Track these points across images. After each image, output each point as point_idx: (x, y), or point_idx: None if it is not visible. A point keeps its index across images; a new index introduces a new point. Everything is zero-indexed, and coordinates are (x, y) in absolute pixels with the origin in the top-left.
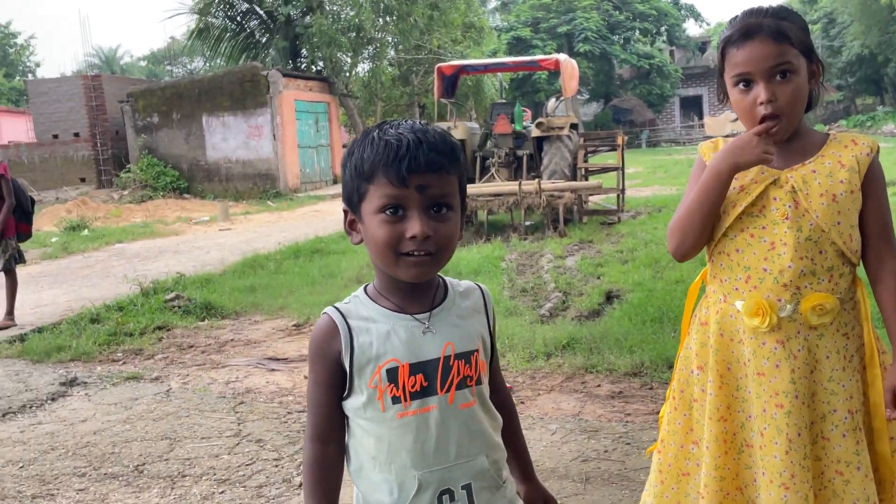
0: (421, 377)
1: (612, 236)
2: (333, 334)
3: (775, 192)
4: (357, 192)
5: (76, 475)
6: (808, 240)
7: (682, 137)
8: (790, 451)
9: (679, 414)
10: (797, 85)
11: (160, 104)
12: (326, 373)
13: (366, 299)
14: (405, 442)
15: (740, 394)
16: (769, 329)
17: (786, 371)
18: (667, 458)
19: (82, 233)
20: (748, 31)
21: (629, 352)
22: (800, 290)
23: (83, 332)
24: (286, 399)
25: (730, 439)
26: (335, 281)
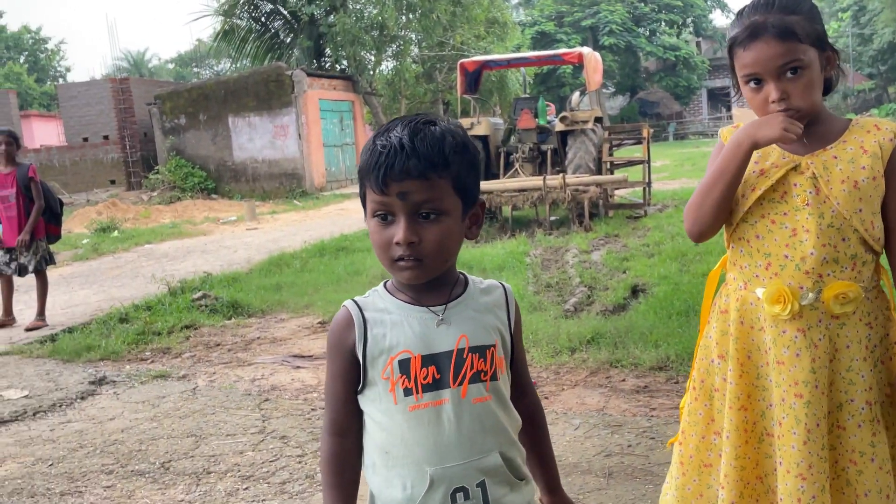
0: (433, 369)
1: (638, 230)
2: (349, 325)
3: (796, 177)
4: (361, 195)
5: (104, 472)
6: (830, 226)
7: (710, 129)
8: (808, 442)
9: (700, 404)
10: (809, 79)
11: (187, 106)
12: (343, 364)
13: (384, 292)
14: (417, 436)
15: (761, 382)
16: (790, 317)
17: (806, 360)
18: (688, 450)
19: (112, 234)
20: (753, 32)
21: (654, 346)
22: (822, 278)
23: (112, 331)
24: (311, 396)
25: (750, 428)
26: (360, 278)
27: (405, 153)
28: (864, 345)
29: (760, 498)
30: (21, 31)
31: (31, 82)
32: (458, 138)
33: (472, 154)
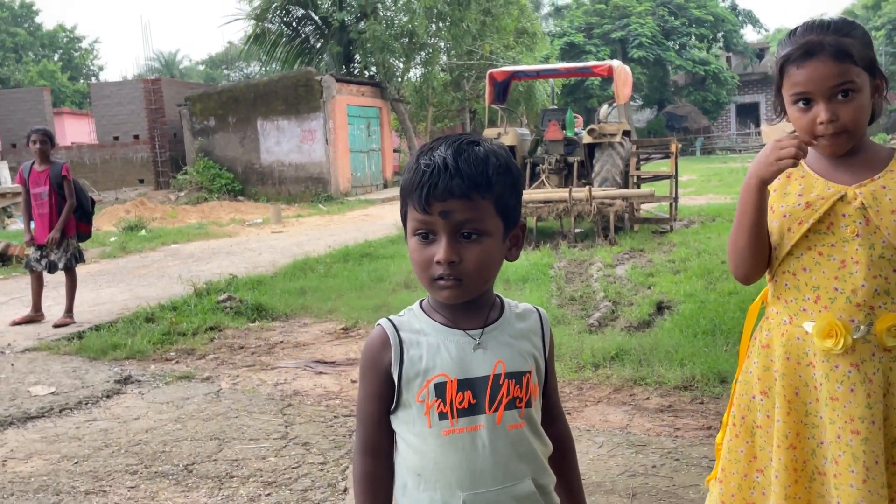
0: (469, 394)
1: (663, 245)
2: (385, 346)
3: (844, 208)
4: (403, 212)
5: (128, 472)
6: (881, 258)
7: (738, 145)
8: (868, 480)
9: (741, 441)
10: (859, 103)
11: (217, 108)
12: (377, 384)
13: (419, 312)
14: (451, 460)
15: (810, 419)
16: (843, 351)
17: (861, 396)
18: (729, 489)
19: (140, 233)
20: (809, 50)
21: (679, 364)
22: (873, 311)
23: (138, 330)
24: (333, 402)
25: (800, 467)
26: (383, 285)
27: (448, 173)
28: None
29: None
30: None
31: (65, 80)
32: (501, 159)
33: (514, 175)
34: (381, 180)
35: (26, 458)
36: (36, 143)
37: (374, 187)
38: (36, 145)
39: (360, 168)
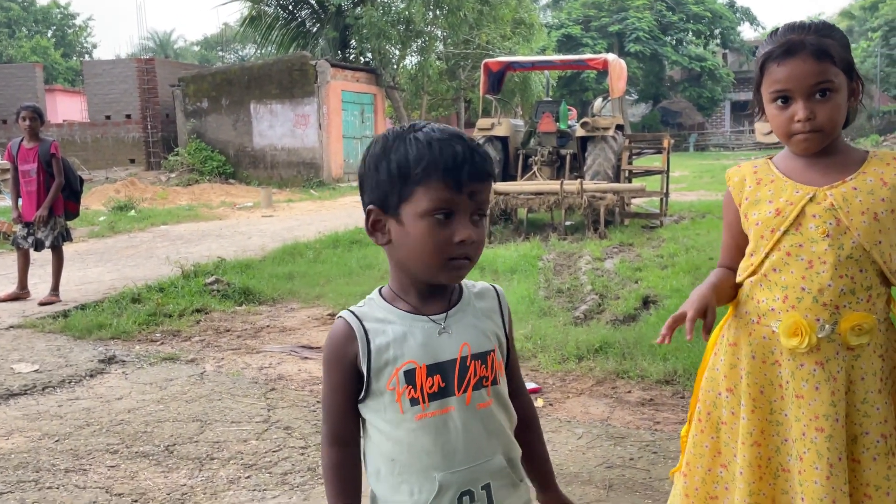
0: (438, 378)
1: (653, 240)
2: (350, 338)
3: (813, 209)
4: (398, 193)
5: (109, 452)
6: (849, 258)
7: (732, 142)
8: (831, 477)
9: (706, 437)
10: (836, 103)
11: (210, 90)
12: (343, 377)
13: (381, 301)
14: (424, 444)
15: (774, 417)
16: (808, 350)
17: (826, 393)
18: (693, 482)
19: (129, 213)
20: (790, 48)
21: (663, 359)
22: (839, 310)
23: (124, 311)
24: (317, 388)
25: (764, 464)
26: (372, 272)
27: (478, 154)
28: (879, 377)
29: None
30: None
31: (58, 57)
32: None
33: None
34: None
35: (7, 435)
36: (25, 120)
37: None
38: (25, 122)
39: (353, 154)
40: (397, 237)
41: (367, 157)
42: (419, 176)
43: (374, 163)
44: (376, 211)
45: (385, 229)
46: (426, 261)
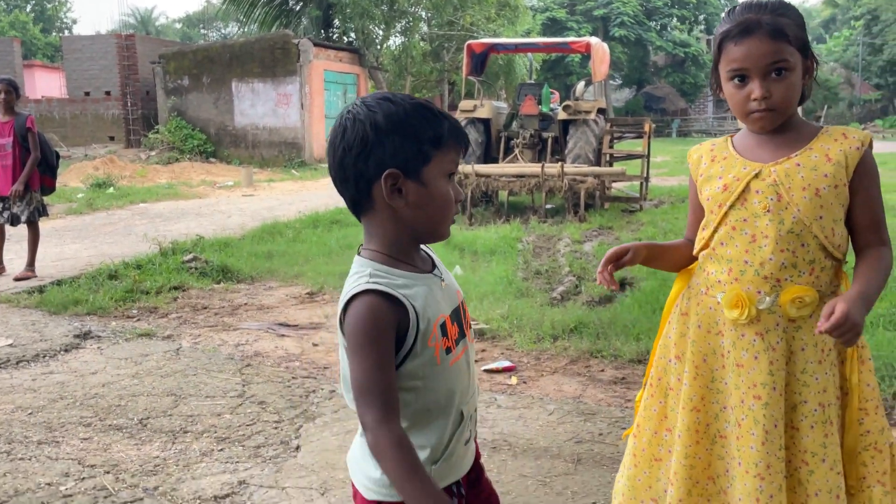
0: (456, 325)
1: (632, 224)
2: (394, 310)
3: (757, 184)
4: (422, 156)
5: (82, 424)
6: (790, 232)
7: (714, 128)
8: (766, 443)
9: (655, 401)
10: (791, 81)
11: (191, 67)
12: (391, 349)
13: (389, 269)
14: (455, 385)
15: (715, 385)
16: (748, 321)
17: (764, 363)
18: (641, 443)
19: (108, 190)
20: (746, 28)
21: (636, 339)
22: (780, 283)
23: (101, 287)
24: (293, 364)
25: (702, 429)
26: (351, 252)
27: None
28: (820, 348)
29: (712, 498)
30: None
31: (37, 32)
32: None
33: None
34: None
35: None
36: (0, 94)
37: None
38: (0, 95)
39: None
40: (417, 198)
41: (373, 125)
42: (444, 142)
43: (393, 128)
44: (395, 174)
45: (402, 193)
46: (445, 217)
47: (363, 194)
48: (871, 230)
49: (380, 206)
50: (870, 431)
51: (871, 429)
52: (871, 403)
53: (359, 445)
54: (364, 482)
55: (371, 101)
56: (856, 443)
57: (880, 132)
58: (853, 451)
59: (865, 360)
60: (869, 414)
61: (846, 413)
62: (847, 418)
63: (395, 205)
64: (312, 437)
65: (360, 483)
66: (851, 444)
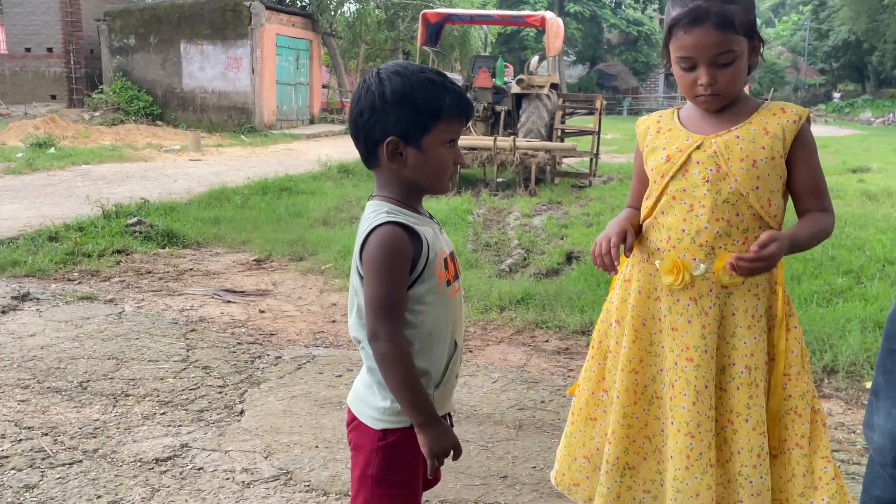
0: (452, 264)
1: (580, 199)
2: (411, 239)
3: (698, 156)
4: (421, 126)
5: (19, 386)
6: (725, 202)
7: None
8: (697, 402)
9: (594, 363)
10: (737, 68)
11: (138, 26)
12: (406, 272)
13: (403, 210)
14: (451, 315)
15: (653, 349)
16: (682, 287)
17: (697, 327)
18: (579, 402)
19: (48, 150)
20: (696, 17)
21: (580, 311)
22: (714, 251)
23: (40, 249)
24: (239, 331)
25: (640, 391)
26: (301, 220)
27: (467, 97)
28: (751, 314)
29: (648, 456)
30: None
31: None
32: None
33: None
34: (308, 115)
35: None
36: None
37: (300, 122)
38: None
39: (287, 101)
40: (415, 162)
41: (381, 96)
42: (445, 114)
43: (397, 101)
44: (395, 141)
45: (402, 157)
46: (441, 177)
47: (371, 153)
48: (812, 197)
49: (384, 164)
50: (791, 396)
51: (792, 393)
52: (794, 369)
53: (363, 382)
54: (371, 414)
55: (384, 74)
56: (779, 406)
57: (823, 116)
58: (776, 414)
59: (792, 328)
60: (791, 379)
61: (771, 377)
62: (772, 382)
63: (394, 166)
64: (257, 402)
65: (366, 416)
66: (775, 407)
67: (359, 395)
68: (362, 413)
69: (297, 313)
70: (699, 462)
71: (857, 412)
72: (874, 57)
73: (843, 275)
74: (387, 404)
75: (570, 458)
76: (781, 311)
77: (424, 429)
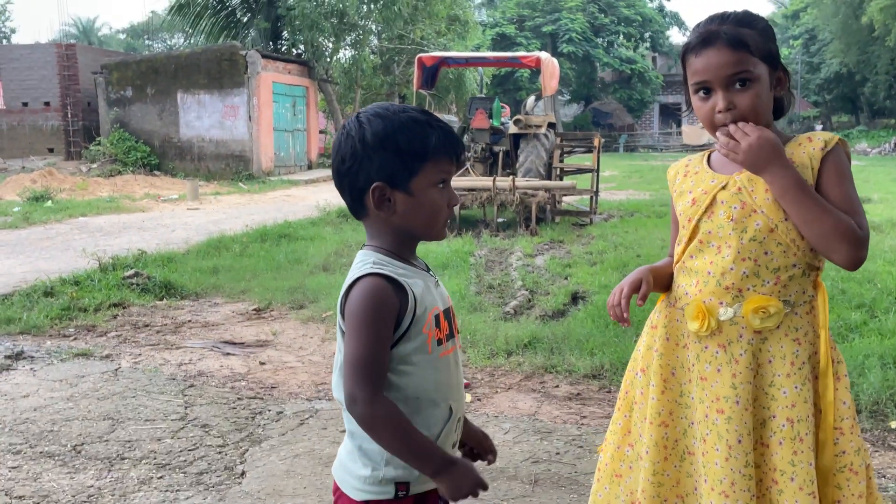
0: (447, 322)
1: (582, 238)
2: (396, 292)
3: (723, 195)
4: (408, 169)
5: (11, 452)
6: (752, 240)
7: (660, 144)
8: (730, 459)
9: (620, 415)
10: (756, 92)
11: (135, 78)
12: (390, 329)
13: (391, 260)
14: (443, 378)
15: (683, 400)
16: (708, 333)
17: (727, 376)
18: (605, 458)
19: (45, 204)
20: (706, 39)
21: (590, 354)
22: (742, 293)
23: (35, 304)
24: (238, 384)
25: (671, 445)
26: (300, 267)
27: (456, 135)
28: (790, 361)
29: None
30: None
31: None
32: None
33: None
34: (306, 161)
35: None
36: None
37: (298, 168)
38: None
39: (284, 148)
40: (405, 207)
41: (361, 140)
42: (430, 154)
43: (379, 144)
44: (382, 187)
45: (390, 202)
46: (434, 223)
47: (357, 202)
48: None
49: (372, 213)
50: (845, 452)
51: (846, 449)
52: (847, 422)
53: (345, 448)
54: (353, 483)
55: (364, 117)
56: (830, 463)
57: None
58: (828, 472)
59: (841, 376)
60: (844, 433)
61: (820, 432)
62: (821, 437)
63: (382, 214)
64: (258, 462)
65: (348, 486)
66: (826, 464)
67: (342, 463)
68: (344, 482)
69: (298, 364)
70: None
71: (885, 454)
72: (867, 88)
73: (856, 308)
74: (367, 472)
75: None
76: (826, 358)
77: (439, 478)
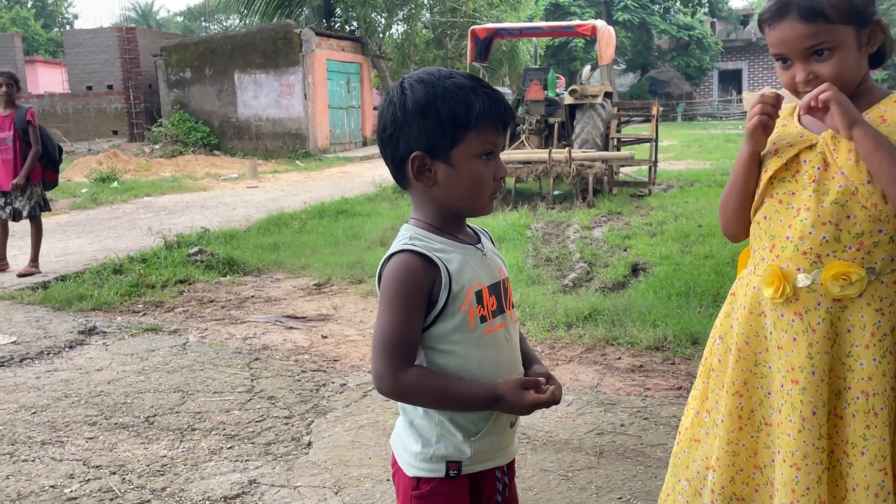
0: (494, 298)
1: (641, 209)
2: (429, 268)
3: (807, 154)
4: (448, 138)
5: (87, 423)
6: (833, 203)
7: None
8: (803, 430)
9: (700, 381)
10: (838, 59)
11: (193, 59)
12: (421, 306)
13: (429, 234)
14: (489, 356)
15: (759, 369)
16: (783, 300)
17: (803, 345)
18: (685, 422)
19: (112, 184)
20: (779, 11)
21: (652, 325)
22: (821, 259)
23: (106, 282)
24: (302, 357)
25: (746, 415)
26: (358, 242)
27: (506, 102)
28: (871, 332)
29: (760, 488)
30: None
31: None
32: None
33: None
34: (361, 138)
35: None
36: (1, 87)
37: (353, 145)
38: (1, 88)
39: (339, 125)
40: (445, 178)
41: (402, 107)
42: (473, 122)
43: (419, 111)
44: (421, 156)
45: (430, 173)
46: (476, 196)
47: (399, 171)
48: None
49: (413, 183)
50: None
51: None
52: None
53: (400, 421)
54: (406, 458)
55: (407, 83)
56: None
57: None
58: None
59: None
60: None
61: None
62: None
63: (423, 184)
64: (324, 433)
65: (402, 461)
66: None
67: (397, 435)
68: (400, 457)
69: (359, 338)
70: (806, 498)
71: None
72: None
73: None
74: (418, 448)
75: (675, 480)
76: None
77: (497, 408)
